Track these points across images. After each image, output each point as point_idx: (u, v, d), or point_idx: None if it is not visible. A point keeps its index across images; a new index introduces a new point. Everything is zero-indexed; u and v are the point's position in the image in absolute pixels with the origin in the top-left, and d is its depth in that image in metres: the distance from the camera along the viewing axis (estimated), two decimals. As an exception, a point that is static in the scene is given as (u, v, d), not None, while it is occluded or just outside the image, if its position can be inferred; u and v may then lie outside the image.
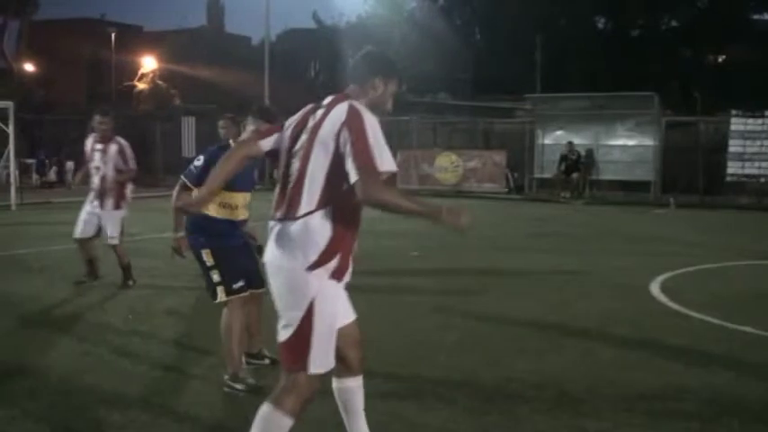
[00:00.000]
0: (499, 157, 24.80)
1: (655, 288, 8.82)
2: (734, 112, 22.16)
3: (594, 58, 36.70)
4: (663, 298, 8.32)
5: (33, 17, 39.67)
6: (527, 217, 17.60)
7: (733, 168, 21.81)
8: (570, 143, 23.87)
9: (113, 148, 8.79)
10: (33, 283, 8.90)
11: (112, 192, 8.76)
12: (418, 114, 27.69)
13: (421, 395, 5.05)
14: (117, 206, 8.82)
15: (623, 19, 41.34)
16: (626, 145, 24.08)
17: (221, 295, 5.15)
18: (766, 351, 6.36)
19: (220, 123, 6.58)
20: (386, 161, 3.35)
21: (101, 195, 8.73)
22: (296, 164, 3.46)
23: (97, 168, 8.74)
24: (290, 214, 3.39)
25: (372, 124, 3.37)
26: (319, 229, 3.35)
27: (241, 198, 5.32)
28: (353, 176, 3.28)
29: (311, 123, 3.48)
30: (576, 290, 8.88)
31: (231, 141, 5.56)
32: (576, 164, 23.72)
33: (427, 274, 9.92)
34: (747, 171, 21.64)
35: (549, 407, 4.93)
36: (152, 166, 28.30)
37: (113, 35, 49.53)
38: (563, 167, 23.74)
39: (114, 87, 47.26)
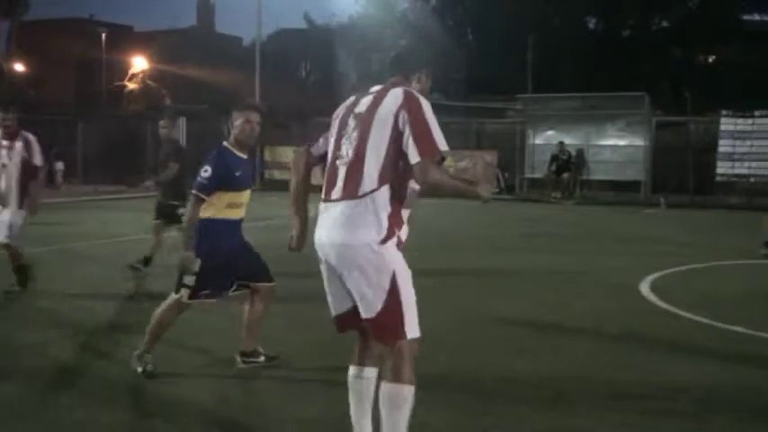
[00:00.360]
0: (490, 157, 24.83)
1: (645, 288, 8.83)
2: (724, 112, 22.27)
3: (586, 58, 36.80)
4: (653, 297, 8.33)
5: (24, 17, 39.56)
6: (519, 217, 17.62)
7: (723, 168, 21.90)
8: (561, 143, 23.92)
9: (19, 144, 8.36)
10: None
11: (17, 190, 8.32)
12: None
13: (421, 395, 5.04)
14: (21, 206, 8.39)
15: (615, 19, 41.48)
16: (616, 145, 24.15)
17: (185, 297, 5.22)
18: (756, 350, 6.37)
19: (161, 123, 6.54)
20: (443, 142, 3.52)
21: (6, 194, 8.31)
22: (347, 147, 3.57)
23: (3, 165, 8.30)
24: (350, 193, 3.49)
25: (428, 107, 3.54)
26: (384, 205, 3.47)
27: (246, 196, 5.39)
28: (414, 158, 3.44)
29: (361, 109, 3.61)
30: (570, 290, 8.89)
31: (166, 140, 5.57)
32: (567, 164, 23.77)
33: (426, 274, 9.85)
34: (737, 171, 21.73)
35: (546, 407, 4.93)
36: (143, 166, 28.25)
37: (104, 35, 49.42)
38: (554, 167, 23.79)
39: (105, 87, 47.14)
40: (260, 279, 5.44)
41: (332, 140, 3.71)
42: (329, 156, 3.70)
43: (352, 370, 3.82)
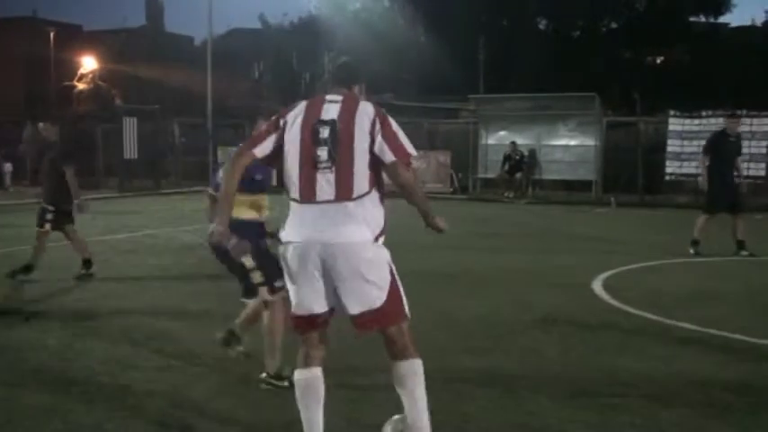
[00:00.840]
0: (444, 158, 24.94)
1: (597, 286, 8.96)
2: (672, 112, 22.66)
3: (537, 59, 37.12)
4: (605, 295, 8.46)
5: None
6: (472, 217, 17.71)
7: (671, 168, 22.28)
8: (513, 143, 24.13)
9: None
10: None
11: None
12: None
13: (373, 394, 5.07)
14: None
15: (564, 21, 41.92)
16: (568, 145, 24.42)
17: (266, 295, 5.23)
18: (703, 346, 6.51)
19: (40, 126, 6.47)
20: (412, 148, 3.90)
21: None
22: (326, 152, 3.76)
23: None
24: (345, 195, 3.75)
25: (392, 119, 3.89)
26: (375, 205, 3.83)
27: (266, 199, 5.45)
28: (389, 158, 3.78)
29: (331, 116, 3.81)
30: (522, 288, 8.98)
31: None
32: (520, 164, 23.98)
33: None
34: (685, 170, 22.09)
35: (495, 404, 4.98)
36: (93, 167, 27.85)
37: (52, 34, 48.58)
38: (506, 167, 23.99)
39: (54, 87, 46.35)
40: None
41: (297, 144, 3.82)
42: (296, 159, 3.81)
43: (304, 373, 3.94)
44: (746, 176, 15.12)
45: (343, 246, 3.74)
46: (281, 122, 3.90)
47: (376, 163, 3.80)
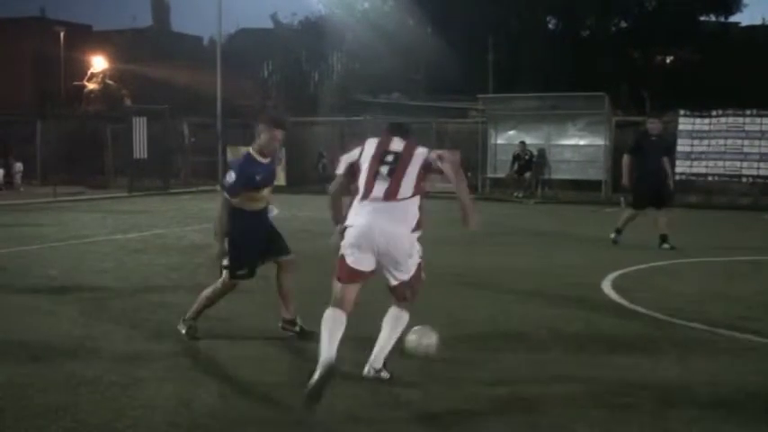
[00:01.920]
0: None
1: (606, 286, 8.94)
2: (682, 112, 22.55)
3: (546, 58, 37.06)
4: (614, 295, 8.44)
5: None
6: (482, 216, 17.68)
7: (681, 167, 22.18)
8: (523, 143, 24.09)
9: None
10: None
11: None
12: (372, 115, 27.74)
13: (375, 395, 5.08)
14: None
15: (574, 20, 41.83)
16: (577, 145, 24.36)
17: (227, 278, 6.27)
18: (713, 346, 6.49)
19: None
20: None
21: None
22: (388, 169, 5.20)
23: None
24: (392, 197, 5.12)
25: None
26: (414, 207, 5.21)
27: (266, 191, 6.31)
28: (443, 165, 5.22)
29: (398, 148, 5.30)
30: (531, 288, 8.97)
31: None
32: (529, 163, 23.94)
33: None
34: (695, 170, 22.03)
35: (502, 406, 4.98)
36: (103, 167, 27.91)
37: (62, 34, 48.70)
38: (516, 167, 23.95)
39: (64, 87, 46.49)
40: (280, 254, 6.37)
41: (369, 162, 5.25)
42: (366, 170, 5.24)
43: (335, 311, 5.07)
44: (751, 176, 15.03)
45: (388, 234, 5.08)
46: (360, 153, 5.35)
47: (420, 180, 5.21)
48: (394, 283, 5.24)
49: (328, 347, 4.88)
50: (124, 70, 45.12)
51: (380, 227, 5.09)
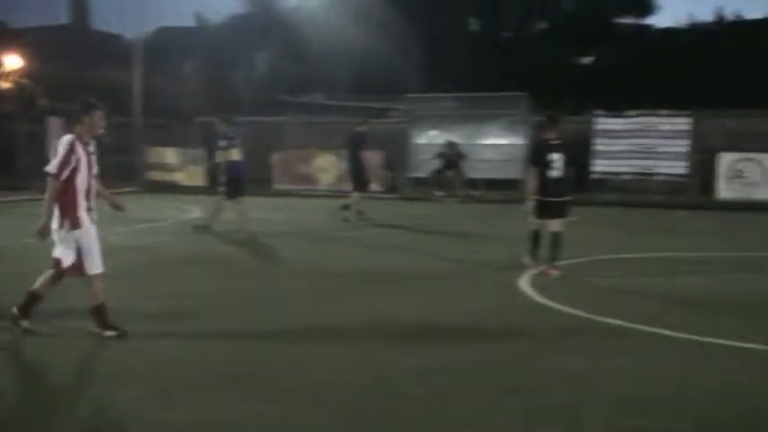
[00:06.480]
0: (376, 158, 24.92)
1: (524, 283, 9.06)
2: (598, 112, 23.12)
3: (467, 58, 37.40)
4: (532, 293, 8.56)
5: None
6: (403, 216, 17.76)
7: (598, 166, 22.75)
8: (450, 141, 24.27)
9: None
10: None
11: None
12: (292, 115, 27.74)
13: (295, 396, 5.05)
14: None
15: (495, 21, 42.34)
16: (497, 144, 24.72)
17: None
18: (630, 341, 6.63)
19: None
20: None
21: None
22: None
23: None
24: None
25: None
26: None
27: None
28: None
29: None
30: (452, 287, 9.04)
31: None
32: (454, 161, 24.13)
33: (303, 276, 9.82)
34: (611, 169, 22.64)
35: (428, 402, 5.00)
36: (16, 169, 27.10)
37: (-28, 31, 47.12)
38: (440, 165, 24.13)
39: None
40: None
41: None
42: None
43: None
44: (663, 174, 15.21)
45: None
46: None
47: None
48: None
49: None
50: (40, 69, 43.90)
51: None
